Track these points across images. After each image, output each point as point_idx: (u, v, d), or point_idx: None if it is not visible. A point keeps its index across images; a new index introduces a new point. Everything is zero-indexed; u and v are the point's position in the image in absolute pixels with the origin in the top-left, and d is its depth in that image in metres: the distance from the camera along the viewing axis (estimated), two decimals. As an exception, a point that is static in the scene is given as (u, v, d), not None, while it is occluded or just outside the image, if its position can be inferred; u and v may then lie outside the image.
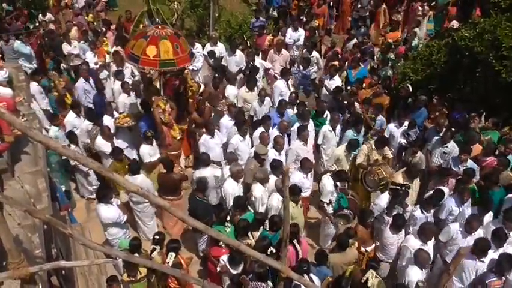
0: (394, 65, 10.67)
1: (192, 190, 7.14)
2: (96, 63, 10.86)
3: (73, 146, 7.72)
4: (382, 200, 6.86)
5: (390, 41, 12.18)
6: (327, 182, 7.01)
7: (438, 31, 12.09)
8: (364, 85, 9.76)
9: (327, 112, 8.74)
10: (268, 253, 5.44)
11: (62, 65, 11.12)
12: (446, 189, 6.90)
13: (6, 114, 3.02)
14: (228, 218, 6.28)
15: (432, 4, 13.89)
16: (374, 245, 6.43)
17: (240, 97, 9.49)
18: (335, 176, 7.02)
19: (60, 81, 9.96)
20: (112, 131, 8.16)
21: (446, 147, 7.76)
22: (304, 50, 11.57)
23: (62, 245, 6.37)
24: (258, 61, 10.53)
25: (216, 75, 9.80)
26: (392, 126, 8.57)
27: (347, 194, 6.88)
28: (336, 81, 10.10)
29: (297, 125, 8.14)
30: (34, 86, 9.00)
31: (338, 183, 6.93)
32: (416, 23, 13.14)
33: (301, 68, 10.62)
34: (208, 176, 7.11)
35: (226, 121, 8.47)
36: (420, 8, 13.85)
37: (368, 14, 14.32)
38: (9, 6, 12.98)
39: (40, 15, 13.58)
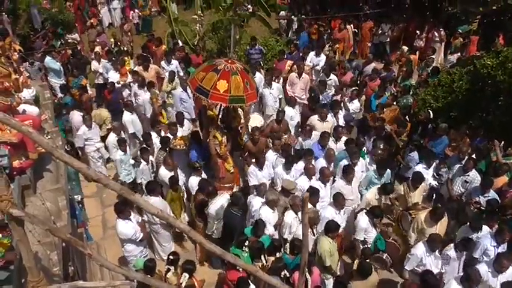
0: (415, 92, 10.61)
1: (227, 205, 7.08)
2: (118, 82, 11.06)
3: (143, 163, 7.91)
4: (418, 249, 6.33)
5: (411, 58, 12.22)
6: (362, 219, 6.83)
7: (460, 58, 12.02)
8: (385, 110, 9.72)
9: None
10: (282, 276, 5.40)
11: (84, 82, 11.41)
12: (485, 228, 6.58)
13: (34, 133, 3.08)
14: (246, 242, 6.24)
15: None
16: None
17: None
18: (370, 213, 6.84)
19: (88, 95, 10.23)
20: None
21: (468, 175, 7.61)
22: (322, 74, 11.62)
23: (78, 263, 6.39)
24: (276, 85, 10.59)
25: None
26: (420, 167, 8.07)
27: (388, 236, 6.69)
28: (355, 105, 10.19)
29: (344, 162, 7.89)
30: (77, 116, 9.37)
31: (376, 224, 6.77)
32: (432, 49, 13.11)
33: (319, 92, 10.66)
34: (224, 202, 7.07)
35: (272, 155, 8.36)
36: (436, 34, 13.84)
37: (388, 40, 14.34)
38: (38, 26, 13.37)
39: (67, 35, 13.92)
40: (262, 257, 6.08)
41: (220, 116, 8.02)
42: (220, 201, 7.11)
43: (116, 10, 17.25)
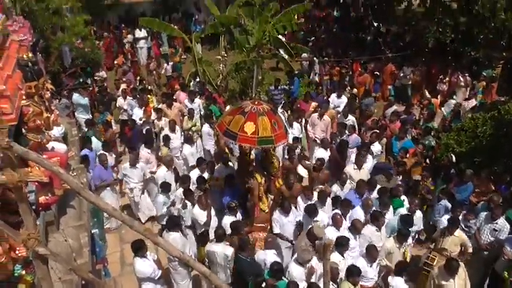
0: (437, 135, 10.55)
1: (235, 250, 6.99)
2: (141, 119, 11.30)
3: (189, 204, 7.86)
4: None
5: (432, 102, 12.19)
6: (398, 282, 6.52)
7: (483, 103, 11.97)
8: (408, 155, 9.65)
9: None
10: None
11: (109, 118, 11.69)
12: None
13: (64, 174, 3.18)
14: (264, 284, 6.14)
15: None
16: None
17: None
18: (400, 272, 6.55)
19: (112, 131, 10.46)
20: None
21: (496, 223, 7.38)
22: (339, 115, 11.68)
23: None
24: (296, 125, 10.69)
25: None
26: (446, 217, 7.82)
27: None
28: (377, 147, 10.14)
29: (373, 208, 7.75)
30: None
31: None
32: (452, 94, 13.10)
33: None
34: (218, 252, 6.85)
35: (303, 201, 8.19)
36: (461, 78, 13.85)
37: (410, 82, 14.40)
38: (67, 64, 13.89)
39: (95, 73, 14.39)
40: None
41: (259, 159, 8.04)
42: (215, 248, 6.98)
43: (143, 49, 17.81)
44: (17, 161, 2.98)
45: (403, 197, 8.19)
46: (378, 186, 8.38)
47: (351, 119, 11.28)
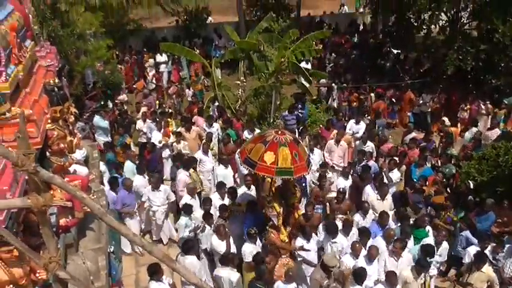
0: (458, 164, 10.41)
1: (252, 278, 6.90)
2: (160, 142, 11.41)
3: (208, 228, 7.92)
4: None
5: (451, 130, 12.08)
6: None
7: (505, 132, 11.80)
8: (427, 183, 9.52)
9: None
10: None
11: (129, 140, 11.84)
12: None
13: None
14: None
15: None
16: None
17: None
18: None
19: (130, 153, 10.58)
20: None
21: (520, 257, 7.21)
22: (358, 141, 11.62)
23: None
24: (317, 151, 10.65)
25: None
26: (473, 249, 7.58)
27: None
28: (396, 175, 10.03)
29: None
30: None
31: None
32: (474, 122, 12.97)
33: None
34: (223, 277, 6.87)
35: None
36: (483, 106, 13.72)
37: (429, 110, 14.31)
38: (89, 86, 14.23)
39: (116, 96, 14.66)
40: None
41: (279, 188, 7.96)
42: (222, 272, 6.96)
43: (163, 73, 18.11)
44: (42, 185, 3.02)
45: (428, 228, 8.04)
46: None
47: (370, 146, 11.23)
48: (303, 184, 9.53)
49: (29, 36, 5.96)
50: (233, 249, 7.64)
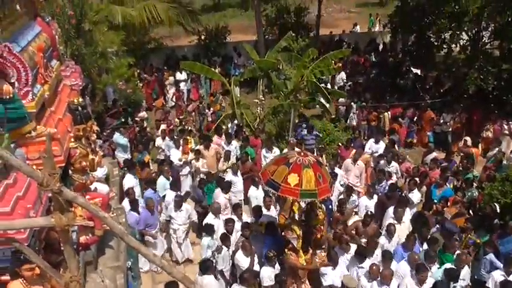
0: (480, 186, 10.21)
1: None
2: (179, 160, 11.48)
3: (225, 249, 7.91)
4: None
5: (472, 151, 11.88)
6: None
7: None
8: (449, 203, 9.35)
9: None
10: None
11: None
12: None
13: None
14: None
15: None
16: None
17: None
18: None
19: (148, 171, 10.64)
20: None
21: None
22: (382, 161, 11.48)
23: None
24: (339, 171, 10.58)
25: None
26: (498, 274, 7.39)
27: None
28: (416, 196, 9.87)
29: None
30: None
31: None
32: (497, 142, 12.73)
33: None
34: None
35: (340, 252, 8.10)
36: (505, 126, 13.48)
37: (450, 129, 14.13)
38: (109, 104, 14.48)
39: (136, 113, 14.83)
40: None
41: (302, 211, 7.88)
42: None
43: (183, 91, 18.29)
44: (66, 204, 3.07)
45: (457, 252, 7.81)
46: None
47: (394, 166, 11.10)
48: (329, 206, 9.42)
49: (55, 56, 6.11)
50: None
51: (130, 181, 9.81)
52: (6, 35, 4.68)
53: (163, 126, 13.40)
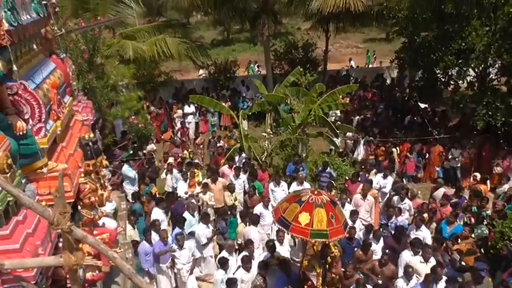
0: (490, 222, 10.03)
1: None
2: (186, 193, 11.46)
3: None
4: None
5: (481, 187, 11.75)
6: None
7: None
8: (459, 240, 9.19)
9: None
10: None
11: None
12: None
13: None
14: None
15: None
16: None
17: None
18: None
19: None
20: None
21: None
22: (396, 197, 11.35)
23: None
24: (348, 207, 10.50)
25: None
26: None
27: None
28: (424, 233, 9.64)
29: None
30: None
31: None
32: (506, 178, 12.59)
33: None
34: None
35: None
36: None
37: (459, 165, 14.04)
38: (118, 136, 14.62)
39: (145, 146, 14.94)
40: None
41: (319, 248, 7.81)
42: None
43: (191, 124, 18.44)
44: (75, 243, 3.06)
45: None
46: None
47: (407, 203, 10.93)
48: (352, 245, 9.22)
49: (68, 92, 6.23)
50: None
51: (158, 214, 9.96)
52: (22, 73, 4.78)
53: (170, 159, 13.46)
